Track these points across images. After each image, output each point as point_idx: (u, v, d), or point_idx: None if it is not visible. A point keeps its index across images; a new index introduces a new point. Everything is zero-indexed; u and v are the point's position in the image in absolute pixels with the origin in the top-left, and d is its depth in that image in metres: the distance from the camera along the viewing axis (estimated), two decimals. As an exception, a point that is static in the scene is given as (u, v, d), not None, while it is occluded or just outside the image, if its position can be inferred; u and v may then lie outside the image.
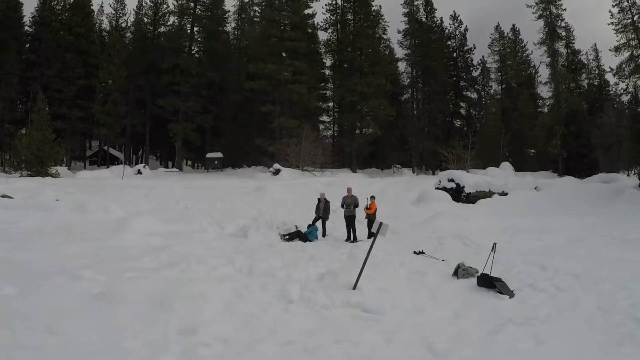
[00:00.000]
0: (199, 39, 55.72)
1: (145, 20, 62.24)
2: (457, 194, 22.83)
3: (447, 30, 68.68)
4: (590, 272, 9.88)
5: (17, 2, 57.27)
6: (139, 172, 39.73)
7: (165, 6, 61.29)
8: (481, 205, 21.60)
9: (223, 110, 53.95)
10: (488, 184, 24.73)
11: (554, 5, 45.25)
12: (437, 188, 23.78)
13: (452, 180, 23.59)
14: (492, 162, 41.69)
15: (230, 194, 24.48)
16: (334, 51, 53.08)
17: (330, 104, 61.29)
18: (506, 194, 25.15)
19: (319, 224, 14.77)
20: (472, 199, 22.69)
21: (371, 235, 13.55)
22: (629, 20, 32.13)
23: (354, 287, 7.89)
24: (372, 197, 14.45)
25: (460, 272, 9.34)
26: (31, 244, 12.38)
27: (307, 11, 50.70)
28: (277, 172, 35.67)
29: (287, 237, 13.82)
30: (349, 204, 14.16)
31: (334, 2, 56.43)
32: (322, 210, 14.79)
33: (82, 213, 18.65)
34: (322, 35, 58.43)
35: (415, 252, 11.95)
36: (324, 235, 14.77)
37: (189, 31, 55.19)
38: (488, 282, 8.42)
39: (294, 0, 44.73)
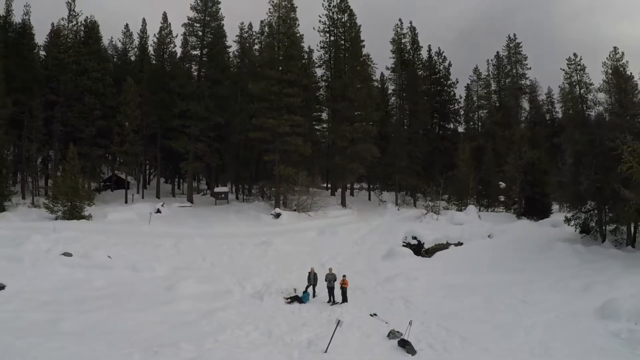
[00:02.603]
0: (206, 83, 61.77)
1: (151, 53, 68.82)
2: (418, 249, 29.55)
3: (433, 60, 75.35)
4: (475, 335, 16.31)
5: (35, 44, 63.27)
6: (159, 211, 45.99)
7: (172, 45, 68.06)
8: (435, 260, 28.20)
9: (227, 148, 60.34)
10: (446, 237, 31.49)
11: (520, 65, 52.37)
12: (403, 242, 30.49)
13: (415, 238, 30.35)
14: (463, 201, 48.59)
15: (242, 247, 31.16)
16: (328, 100, 60.02)
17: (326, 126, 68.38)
18: (461, 243, 31.81)
19: (310, 288, 21.33)
20: (430, 252, 29.36)
21: (344, 299, 20.25)
22: (577, 94, 38.27)
23: (326, 351, 14.45)
24: (344, 276, 21.02)
25: (390, 335, 15.94)
26: (118, 312, 18.53)
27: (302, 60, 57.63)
28: (277, 215, 42.23)
29: (289, 300, 20.41)
30: (330, 279, 20.82)
31: (327, 40, 63.08)
32: (312, 279, 21.38)
33: (134, 271, 25.21)
34: (318, 54, 65.24)
35: (370, 315, 18.49)
36: (314, 296, 21.37)
37: (195, 76, 61.54)
38: (402, 344, 14.97)
39: (290, 59, 51.59)
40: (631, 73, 32.86)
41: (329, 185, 74.92)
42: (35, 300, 20.37)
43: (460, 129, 76.26)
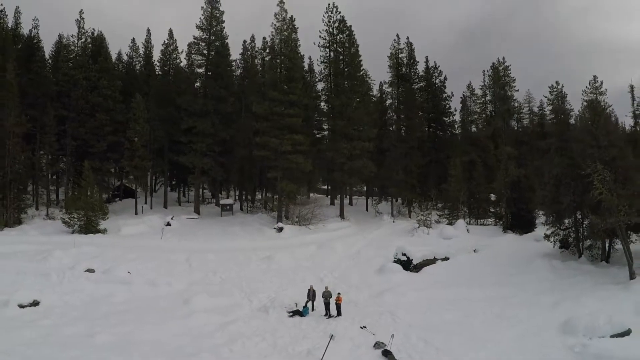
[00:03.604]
0: (211, 101, 64.60)
1: (156, 63, 71.98)
2: (407, 264, 32.54)
3: (430, 72, 78.18)
4: (449, 346, 19.14)
5: (45, 60, 65.99)
6: (169, 224, 48.91)
7: (177, 61, 71.18)
8: (422, 275, 31.13)
9: (232, 162, 63.31)
10: (433, 252, 34.46)
11: (508, 87, 55.68)
12: (394, 258, 33.46)
13: (404, 255, 33.31)
14: (454, 214, 51.55)
15: (248, 261, 34.17)
16: (328, 114, 63.26)
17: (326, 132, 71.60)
18: (448, 258, 34.68)
19: (309, 303, 24.31)
20: (418, 267, 32.35)
21: (339, 313, 23.20)
22: (559, 118, 41.81)
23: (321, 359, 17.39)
24: (339, 293, 24.03)
25: (376, 345, 18.87)
26: (143, 326, 21.41)
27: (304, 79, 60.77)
28: (280, 229, 45.33)
29: (291, 314, 23.40)
30: (326, 296, 23.89)
31: (327, 55, 66.06)
32: (312, 295, 24.37)
33: (152, 286, 28.09)
34: (318, 66, 68.34)
35: (360, 327, 21.43)
36: (312, 309, 24.33)
37: (200, 90, 64.41)
38: (385, 354, 17.92)
39: (292, 80, 54.71)
40: (605, 103, 36.08)
41: (329, 187, 78.11)
42: (68, 315, 23.19)
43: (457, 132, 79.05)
